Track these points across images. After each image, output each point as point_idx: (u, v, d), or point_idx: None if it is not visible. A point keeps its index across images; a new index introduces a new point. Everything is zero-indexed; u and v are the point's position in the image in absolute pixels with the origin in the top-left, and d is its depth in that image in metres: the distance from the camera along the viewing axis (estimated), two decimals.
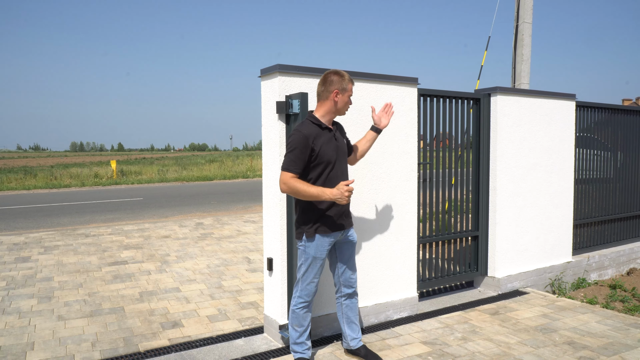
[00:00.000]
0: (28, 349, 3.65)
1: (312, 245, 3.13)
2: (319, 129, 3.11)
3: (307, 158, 3.03)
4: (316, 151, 3.04)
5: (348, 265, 3.33)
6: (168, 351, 3.61)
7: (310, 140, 3.02)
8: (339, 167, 3.17)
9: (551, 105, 5.32)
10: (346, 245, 3.31)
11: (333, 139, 3.16)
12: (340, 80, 3.12)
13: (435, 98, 4.63)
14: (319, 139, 3.06)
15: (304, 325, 3.26)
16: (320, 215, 3.11)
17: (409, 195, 4.30)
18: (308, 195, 2.98)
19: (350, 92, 3.18)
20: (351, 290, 3.37)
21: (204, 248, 7.06)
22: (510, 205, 5.02)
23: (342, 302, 3.40)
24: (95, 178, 22.62)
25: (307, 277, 3.18)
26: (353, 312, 3.41)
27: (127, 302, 4.69)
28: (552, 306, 4.54)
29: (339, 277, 3.35)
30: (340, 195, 2.93)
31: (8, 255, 6.63)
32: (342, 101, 3.15)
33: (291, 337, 3.31)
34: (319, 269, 3.17)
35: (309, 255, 3.15)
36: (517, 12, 7.83)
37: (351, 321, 3.41)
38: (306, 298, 3.21)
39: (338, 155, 3.16)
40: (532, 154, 5.18)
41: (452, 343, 3.67)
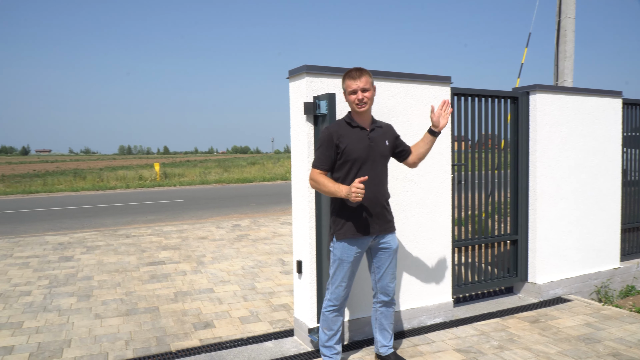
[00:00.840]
0: (65, 346, 3.75)
1: (338, 247, 3.08)
2: (348, 127, 3.07)
3: (333, 155, 3.02)
4: (341, 148, 3.00)
5: (385, 273, 3.21)
6: (199, 352, 3.64)
7: (334, 137, 3.00)
8: (371, 168, 3.05)
9: (595, 104, 5.07)
10: (382, 252, 3.18)
11: (366, 138, 3.06)
12: (341, 81, 3.14)
13: (470, 97, 4.49)
14: (345, 137, 3.01)
15: (333, 329, 3.21)
16: (346, 218, 3.05)
17: (442, 198, 4.18)
18: (327, 191, 2.96)
19: (350, 88, 3.03)
20: (388, 299, 3.27)
21: (240, 249, 7.12)
22: (552, 208, 4.80)
23: (378, 309, 3.32)
24: (140, 180, 23.30)
25: (335, 279, 3.13)
26: (387, 320, 3.33)
27: (162, 302, 4.77)
28: (597, 315, 4.31)
29: (376, 283, 3.27)
30: (349, 193, 2.81)
31: (52, 255, 6.88)
32: (349, 100, 3.08)
33: (320, 339, 3.27)
34: (346, 272, 3.09)
35: (336, 257, 3.10)
36: (559, 6, 7.54)
37: (384, 328, 3.33)
38: (335, 302, 3.15)
39: (370, 156, 3.05)
40: (575, 154, 4.94)
41: (487, 352, 3.54)
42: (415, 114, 4.01)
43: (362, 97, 3.00)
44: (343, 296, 3.15)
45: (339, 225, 3.07)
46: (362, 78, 3.00)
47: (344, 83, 3.07)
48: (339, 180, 3.06)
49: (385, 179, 3.16)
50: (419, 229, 4.06)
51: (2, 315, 4.44)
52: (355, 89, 3.00)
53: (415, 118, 4.00)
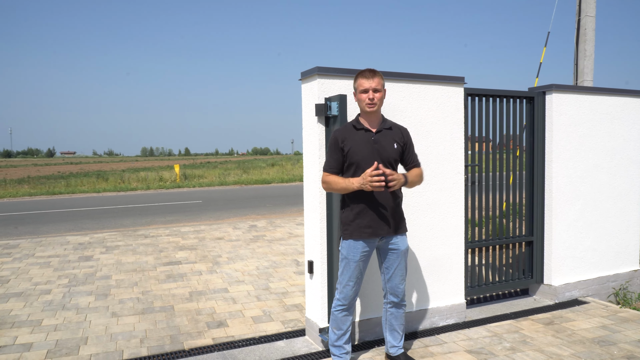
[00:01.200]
0: (82, 343, 3.84)
1: (345, 246, 3.11)
2: (353, 130, 3.10)
3: (340, 158, 3.08)
4: (345, 151, 3.05)
5: (394, 274, 3.21)
6: (211, 350, 3.69)
7: (339, 141, 3.06)
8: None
9: (614, 103, 4.98)
10: (390, 253, 3.17)
11: (370, 140, 3.07)
12: (353, 81, 3.16)
13: (485, 97, 4.46)
14: (349, 140, 3.05)
15: (342, 328, 3.22)
16: (354, 218, 3.07)
17: (455, 198, 4.16)
18: (338, 188, 3.01)
19: (361, 87, 3.05)
20: (397, 299, 3.27)
21: (255, 250, 7.18)
22: (568, 209, 4.74)
23: (388, 310, 3.33)
24: (160, 181, 23.62)
25: (342, 278, 3.16)
26: (397, 321, 3.33)
27: (177, 301, 4.84)
28: (614, 317, 4.24)
29: (386, 283, 3.27)
30: (363, 182, 2.87)
31: (73, 254, 7.03)
32: (359, 99, 3.10)
33: (330, 339, 3.29)
34: (353, 272, 3.11)
35: (343, 255, 3.13)
36: (578, 5, 7.43)
37: (394, 329, 3.34)
38: (343, 301, 3.17)
39: (373, 157, 3.04)
40: (593, 154, 4.87)
41: (499, 353, 3.51)
42: (429, 115, 4.00)
43: (372, 96, 3.02)
44: (351, 295, 3.16)
45: (347, 224, 3.10)
46: (375, 78, 3.04)
47: (356, 82, 3.09)
48: None
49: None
50: (430, 229, 4.04)
51: (23, 313, 4.56)
52: (367, 88, 3.02)
53: (428, 119, 4.00)
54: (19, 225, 10.63)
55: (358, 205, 3.06)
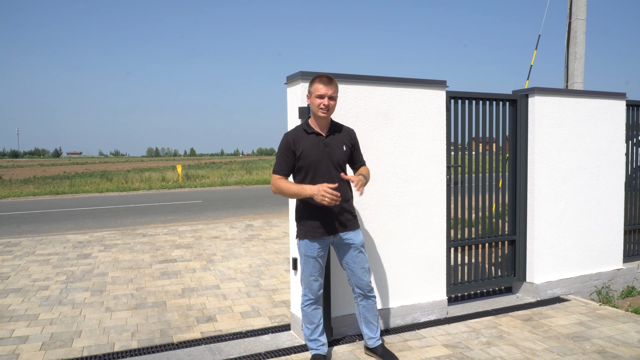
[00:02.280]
0: (75, 336, 4.00)
1: (302, 244, 3.26)
2: (304, 133, 3.21)
3: (291, 161, 3.18)
4: (297, 154, 3.16)
5: (354, 268, 3.32)
6: (199, 343, 3.83)
7: (291, 144, 3.16)
8: (326, 172, 3.17)
9: (597, 105, 5.10)
10: (346, 247, 3.30)
11: (320, 144, 3.18)
12: (309, 84, 3.21)
13: (468, 100, 4.59)
14: (301, 143, 3.16)
15: (314, 322, 3.36)
16: (307, 218, 3.21)
17: (437, 198, 4.29)
18: (290, 193, 3.11)
19: (318, 92, 3.12)
20: (363, 292, 3.38)
21: (249, 249, 7.33)
22: (550, 209, 4.86)
23: (359, 303, 3.46)
24: (163, 182, 23.83)
25: (304, 275, 3.30)
26: (370, 313, 3.46)
27: (169, 297, 4.99)
28: (592, 314, 4.35)
29: (349, 278, 3.41)
30: (317, 193, 2.97)
31: (72, 252, 7.20)
32: (313, 103, 3.16)
33: (304, 334, 3.42)
34: (313, 266, 3.25)
35: (301, 253, 3.29)
36: (569, 8, 7.54)
37: (369, 321, 3.47)
38: (310, 295, 3.31)
39: (324, 160, 3.16)
40: (575, 156, 4.99)
41: (474, 347, 3.64)
42: (411, 117, 4.13)
43: (327, 103, 3.12)
44: (316, 289, 3.30)
45: (301, 225, 3.25)
46: (332, 86, 3.15)
47: (313, 85, 3.16)
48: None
49: (343, 182, 3.25)
50: (413, 228, 4.18)
51: (20, 307, 4.72)
52: (324, 94, 3.12)
53: (410, 121, 4.13)
54: (21, 224, 10.83)
55: (310, 207, 3.20)
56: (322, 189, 2.96)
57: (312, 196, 3.02)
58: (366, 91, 3.93)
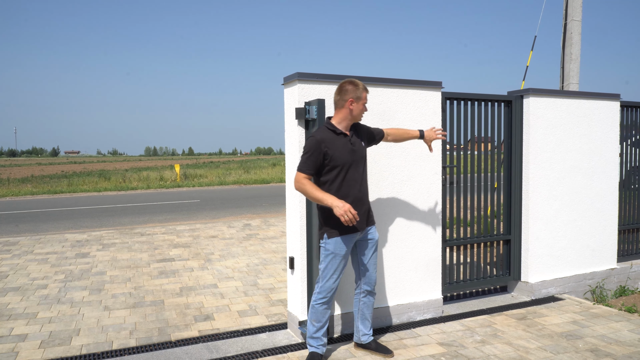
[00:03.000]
0: (74, 334, 4.03)
1: (332, 242, 3.30)
2: (333, 134, 3.30)
3: (320, 161, 3.23)
4: (329, 155, 3.23)
5: (369, 263, 3.47)
6: (196, 341, 3.87)
7: (323, 145, 3.22)
8: (355, 171, 3.32)
9: (591, 106, 5.15)
10: (365, 243, 3.44)
11: (349, 143, 3.31)
12: (354, 89, 3.30)
13: (463, 101, 4.63)
14: (332, 144, 3.25)
15: (321, 321, 3.40)
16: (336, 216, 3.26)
17: (432, 198, 4.33)
18: (312, 197, 3.17)
19: (365, 100, 3.35)
20: (370, 288, 3.52)
21: (247, 248, 7.37)
22: (545, 209, 4.91)
23: (361, 299, 3.55)
24: (161, 181, 23.84)
25: (326, 273, 3.34)
26: (368, 310, 3.57)
27: (167, 296, 5.03)
28: (586, 313, 4.41)
29: (359, 274, 3.50)
30: (341, 212, 3.05)
31: (70, 251, 7.23)
32: (357, 109, 3.33)
33: (308, 331, 3.46)
34: (339, 265, 3.32)
35: (329, 251, 3.32)
36: (565, 9, 7.59)
37: (365, 318, 3.56)
38: (326, 294, 3.36)
39: (354, 160, 3.31)
40: (570, 156, 5.03)
41: (469, 345, 3.68)
42: (407, 118, 4.18)
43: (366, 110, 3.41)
44: (334, 289, 3.36)
45: (332, 223, 3.29)
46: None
47: (361, 92, 3.32)
48: (327, 183, 3.28)
49: (365, 178, 3.42)
50: (409, 227, 4.22)
51: (19, 306, 4.76)
52: (367, 102, 3.47)
53: (406, 122, 4.17)
54: (19, 223, 10.85)
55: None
56: (347, 209, 3.04)
57: (332, 207, 3.09)
58: None
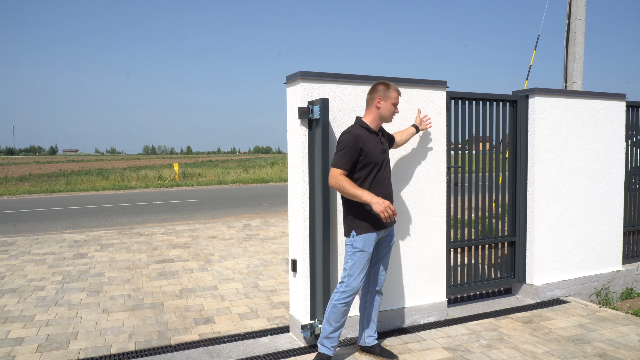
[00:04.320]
0: (72, 338, 3.95)
1: (360, 239, 3.27)
2: (367, 132, 3.33)
3: (356, 157, 3.23)
4: (365, 152, 3.24)
5: (382, 262, 3.49)
6: (196, 345, 3.80)
7: (359, 141, 3.23)
8: (385, 170, 3.37)
9: (597, 106, 5.08)
10: (386, 242, 3.47)
11: (379, 142, 3.38)
12: (385, 89, 3.37)
13: (468, 101, 4.56)
14: (368, 141, 3.28)
15: (339, 321, 3.32)
16: (368, 213, 3.27)
17: (437, 199, 4.26)
18: (351, 194, 3.16)
19: (394, 100, 3.37)
20: (378, 287, 3.52)
21: (247, 249, 7.29)
22: (550, 211, 4.84)
23: (367, 298, 3.52)
24: (159, 180, 23.74)
25: (353, 271, 3.27)
26: (375, 311, 3.53)
27: (167, 298, 4.95)
28: (592, 316, 4.34)
29: (371, 273, 3.49)
30: (381, 208, 3.09)
31: (68, 252, 7.15)
32: (386, 108, 3.36)
33: (324, 330, 3.34)
34: (366, 263, 3.29)
35: (357, 249, 3.28)
36: (568, 8, 7.52)
37: (370, 319, 3.52)
38: (350, 293, 3.28)
39: (384, 158, 3.37)
40: (575, 157, 4.97)
41: (475, 350, 3.61)
42: (411, 118, 4.10)
43: (396, 111, 3.44)
44: (358, 288, 3.30)
45: (361, 220, 3.28)
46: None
47: (390, 92, 3.36)
48: (359, 180, 3.28)
49: (390, 178, 3.49)
50: (413, 229, 4.15)
51: (16, 308, 4.67)
52: (397, 103, 3.41)
53: (410, 121, 4.09)
54: (17, 222, 10.76)
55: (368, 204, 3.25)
56: (387, 205, 3.10)
57: (371, 204, 3.12)
58: (366, 91, 3.89)
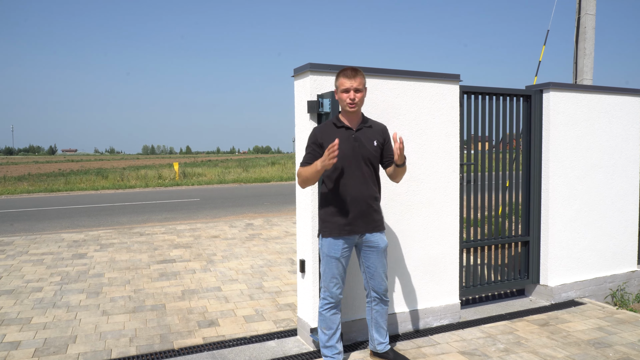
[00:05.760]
0: (70, 342, 3.79)
1: (325, 243, 3.09)
2: (334, 127, 3.07)
3: (318, 155, 3.02)
4: (324, 148, 2.99)
5: (375, 272, 3.18)
6: (201, 349, 3.64)
7: (318, 137, 3.03)
8: (357, 168, 3.04)
9: (612, 102, 4.92)
10: (369, 251, 3.15)
11: (350, 138, 3.04)
12: (336, 78, 3.07)
13: (481, 95, 4.40)
14: (330, 137, 3.02)
15: (332, 327, 3.17)
16: (332, 214, 3.06)
17: (449, 197, 4.10)
18: (308, 176, 2.93)
19: (343, 86, 2.99)
20: (379, 296, 3.25)
21: (250, 248, 7.12)
22: (565, 209, 4.68)
23: (373, 307, 3.30)
24: (159, 179, 23.56)
25: (324, 276, 3.13)
26: (382, 318, 3.32)
27: (169, 300, 4.79)
28: (610, 319, 4.18)
29: (367, 282, 3.25)
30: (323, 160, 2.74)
31: (67, 252, 6.98)
32: (340, 98, 3.05)
33: (320, 341, 3.23)
34: (334, 268, 3.08)
35: (323, 253, 3.12)
36: (578, 3, 7.36)
37: (380, 326, 3.32)
38: (330, 299, 3.14)
39: (354, 155, 3.03)
40: (590, 154, 4.81)
41: (492, 355, 3.45)
42: (423, 112, 3.95)
43: (354, 96, 2.99)
44: (337, 293, 3.13)
45: (326, 222, 3.09)
46: (357, 78, 3.00)
47: (338, 80, 3.05)
48: (326, 179, 3.09)
49: (372, 179, 3.12)
50: (425, 228, 3.99)
51: (13, 310, 4.51)
52: (349, 87, 2.98)
53: (423, 117, 3.94)
54: (14, 222, 10.59)
55: (337, 203, 3.05)
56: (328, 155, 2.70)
57: (323, 167, 2.78)
58: (377, 85, 3.73)
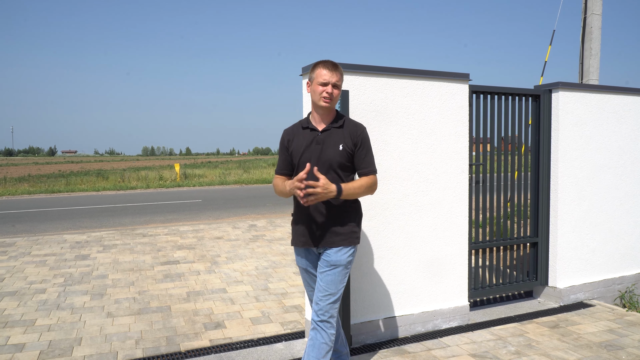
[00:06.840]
0: (75, 344, 3.74)
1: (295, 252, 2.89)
2: (299, 128, 2.78)
3: (288, 159, 2.79)
4: (289, 151, 2.77)
5: (318, 287, 2.67)
6: (208, 352, 3.59)
7: (285, 140, 2.80)
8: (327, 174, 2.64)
9: (621, 102, 4.88)
10: (322, 263, 2.70)
11: (312, 140, 2.69)
12: (312, 69, 2.72)
13: (490, 95, 4.36)
14: (294, 139, 2.76)
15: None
16: (294, 222, 2.82)
17: (459, 198, 4.06)
18: (280, 191, 2.73)
19: (321, 79, 2.64)
20: (317, 318, 2.62)
21: (255, 250, 7.08)
22: (574, 210, 4.63)
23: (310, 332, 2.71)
24: (160, 180, 23.52)
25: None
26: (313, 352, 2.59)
27: (174, 302, 4.74)
28: (620, 321, 4.13)
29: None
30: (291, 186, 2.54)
31: (69, 253, 6.93)
32: (313, 90, 2.68)
33: None
34: (305, 279, 2.88)
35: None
36: (584, 3, 7.32)
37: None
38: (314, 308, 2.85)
39: (312, 160, 2.65)
40: (599, 154, 4.77)
41: (503, 357, 3.41)
42: (432, 112, 3.91)
43: (331, 91, 2.64)
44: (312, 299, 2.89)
45: (292, 229, 2.85)
46: (338, 73, 2.67)
47: (315, 71, 2.69)
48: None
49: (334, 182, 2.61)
50: (434, 230, 3.95)
51: (16, 312, 4.46)
52: (328, 81, 2.63)
53: (432, 116, 3.90)
54: (16, 223, 10.54)
55: (298, 212, 2.78)
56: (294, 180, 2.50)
57: (290, 192, 2.60)
58: (387, 84, 3.69)
